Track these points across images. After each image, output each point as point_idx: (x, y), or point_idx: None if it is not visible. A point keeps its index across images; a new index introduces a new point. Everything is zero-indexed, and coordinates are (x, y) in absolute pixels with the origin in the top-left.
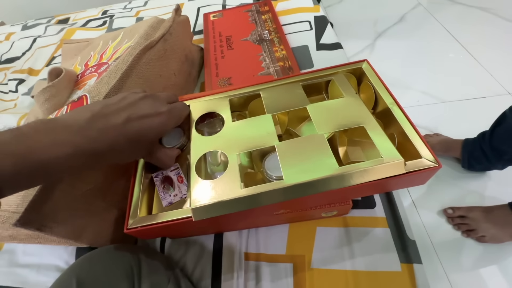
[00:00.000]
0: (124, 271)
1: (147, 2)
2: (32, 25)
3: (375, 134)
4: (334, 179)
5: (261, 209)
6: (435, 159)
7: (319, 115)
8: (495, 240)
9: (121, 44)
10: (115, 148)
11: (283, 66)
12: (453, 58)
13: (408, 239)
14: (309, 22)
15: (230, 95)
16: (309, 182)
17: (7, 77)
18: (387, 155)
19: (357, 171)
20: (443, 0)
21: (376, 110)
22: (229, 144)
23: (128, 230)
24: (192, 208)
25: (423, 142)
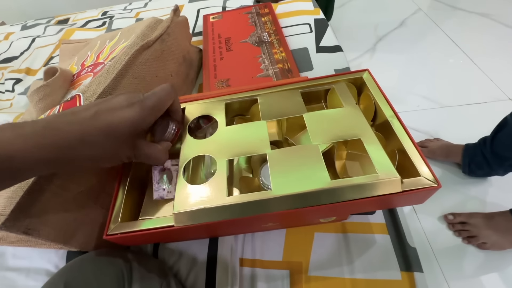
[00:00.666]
0: (114, 276)
1: (147, 4)
2: (32, 25)
3: (372, 148)
4: (325, 193)
5: (247, 220)
6: (434, 178)
7: (316, 125)
8: (497, 247)
9: (118, 44)
10: (85, 140)
11: (282, 68)
12: (454, 63)
13: (408, 246)
14: (309, 24)
15: (227, 99)
16: (298, 194)
17: (4, 76)
18: (383, 171)
19: (350, 186)
20: (444, 6)
21: (375, 122)
22: (220, 149)
23: (107, 236)
24: (174, 213)
25: (422, 159)
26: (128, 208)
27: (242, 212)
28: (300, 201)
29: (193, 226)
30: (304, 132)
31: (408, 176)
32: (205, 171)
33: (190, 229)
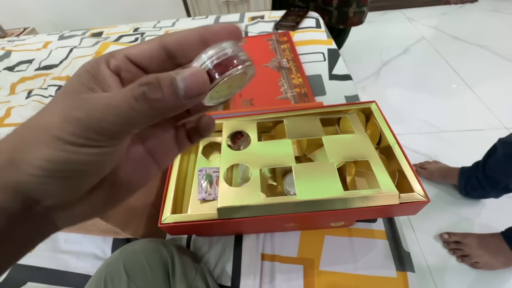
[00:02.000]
0: (161, 260)
1: (174, 23)
2: (68, 36)
3: (377, 168)
4: (339, 200)
5: (275, 218)
6: (425, 194)
7: (332, 146)
8: (488, 267)
9: None
10: None
11: (299, 92)
12: (454, 90)
13: (403, 250)
14: (323, 53)
15: (258, 119)
16: (317, 200)
17: (47, 82)
18: (385, 187)
19: (358, 197)
20: (446, 36)
21: (380, 145)
22: (253, 160)
23: (161, 224)
24: (218, 208)
25: (416, 179)
26: (175, 203)
27: (272, 211)
28: (319, 205)
29: (233, 220)
30: (320, 150)
31: (404, 191)
32: (240, 177)
33: (228, 223)
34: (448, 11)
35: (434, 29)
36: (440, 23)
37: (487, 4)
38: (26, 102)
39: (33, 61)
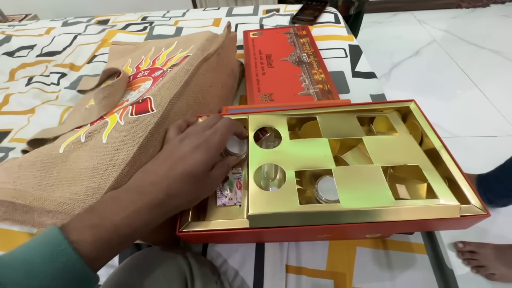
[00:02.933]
0: (178, 272)
1: (185, 13)
2: (72, 23)
3: (431, 175)
4: (389, 211)
5: (310, 229)
6: (483, 207)
7: (375, 148)
8: (505, 279)
9: (175, 53)
10: (171, 193)
11: (322, 89)
12: (465, 94)
13: (446, 267)
14: (344, 49)
15: (287, 114)
16: (365, 210)
17: (49, 69)
18: (443, 197)
19: (413, 208)
20: (457, 39)
21: (422, 142)
22: (286, 160)
23: (180, 233)
24: (249, 215)
25: (472, 189)
26: (195, 210)
27: (310, 220)
28: (365, 216)
29: (264, 229)
30: (353, 152)
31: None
32: (262, 178)
33: (255, 233)
34: (459, 15)
35: (445, 32)
36: (451, 27)
37: (498, 9)
38: (26, 89)
39: (35, 47)
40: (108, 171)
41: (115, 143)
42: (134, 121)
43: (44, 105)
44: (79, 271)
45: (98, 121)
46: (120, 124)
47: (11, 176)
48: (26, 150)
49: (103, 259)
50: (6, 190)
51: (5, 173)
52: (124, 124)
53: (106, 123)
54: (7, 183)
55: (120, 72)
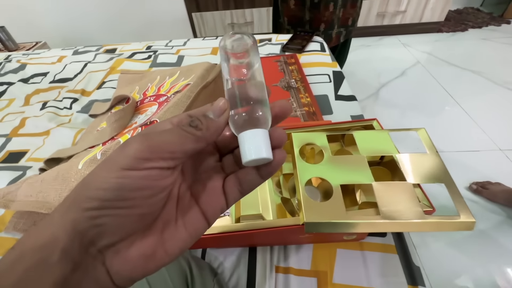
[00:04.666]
0: (181, 272)
1: (186, 43)
2: (83, 51)
3: (452, 191)
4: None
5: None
6: (430, 204)
7: (408, 166)
8: (492, 196)
9: (178, 81)
10: None
11: (308, 111)
12: (449, 112)
13: (414, 265)
14: (328, 75)
15: (327, 129)
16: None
17: (61, 95)
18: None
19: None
20: (440, 61)
21: (383, 159)
22: (332, 175)
23: None
24: (306, 222)
25: (421, 189)
26: None
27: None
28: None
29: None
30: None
31: None
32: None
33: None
34: (440, 39)
35: (428, 55)
36: (434, 49)
37: (476, 33)
38: (41, 113)
39: (48, 74)
40: None
41: None
42: None
43: (58, 127)
44: None
45: (110, 141)
46: None
47: (34, 190)
48: (43, 169)
49: None
50: (29, 202)
51: (29, 187)
52: None
53: (119, 142)
54: (30, 196)
55: (129, 98)
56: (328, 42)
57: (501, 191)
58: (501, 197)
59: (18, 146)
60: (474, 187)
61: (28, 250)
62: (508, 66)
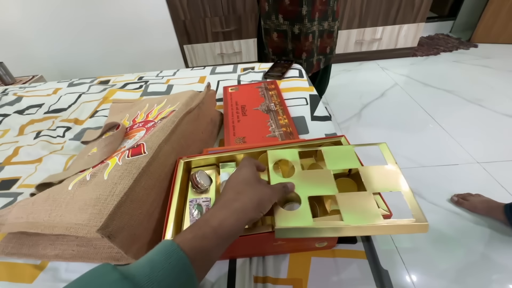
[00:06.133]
0: None
1: (175, 73)
2: (77, 83)
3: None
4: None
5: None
6: (387, 208)
7: (370, 177)
8: (472, 207)
9: (165, 108)
10: (250, 202)
11: (285, 131)
12: (427, 129)
13: (382, 268)
14: (305, 98)
15: (300, 145)
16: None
17: (55, 124)
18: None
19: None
20: (416, 83)
21: (351, 172)
22: (300, 186)
23: None
24: (276, 228)
25: (381, 198)
26: (176, 230)
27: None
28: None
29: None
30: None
31: None
32: None
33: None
34: (415, 62)
35: (405, 77)
36: (410, 72)
37: (448, 56)
38: (35, 142)
39: (43, 105)
40: (107, 200)
41: (114, 179)
42: (130, 161)
43: (51, 154)
44: (186, 266)
45: (99, 164)
46: (119, 164)
47: (25, 212)
48: (34, 193)
49: (204, 252)
50: (19, 224)
51: (20, 210)
52: (121, 164)
53: (107, 164)
54: (20, 218)
55: (119, 125)
56: (310, 68)
57: (480, 201)
58: (481, 207)
59: (10, 173)
60: (455, 199)
61: None
62: (478, 85)
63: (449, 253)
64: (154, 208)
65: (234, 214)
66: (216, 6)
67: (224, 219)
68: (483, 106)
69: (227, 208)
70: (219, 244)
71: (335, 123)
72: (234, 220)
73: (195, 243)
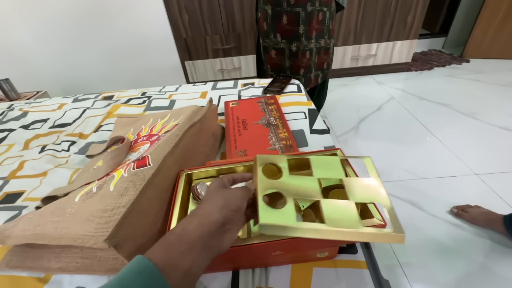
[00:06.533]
0: None
1: (178, 88)
2: (82, 99)
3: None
4: (360, 233)
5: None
6: (382, 218)
7: (352, 188)
8: (472, 219)
9: (169, 122)
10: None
11: (285, 144)
12: (424, 141)
13: (382, 278)
14: (304, 112)
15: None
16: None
17: (60, 138)
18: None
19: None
20: (411, 96)
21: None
22: (287, 190)
23: None
24: (261, 224)
25: (376, 208)
26: None
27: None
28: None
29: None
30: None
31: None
32: None
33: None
34: (410, 77)
35: (401, 91)
36: (405, 86)
37: (441, 71)
38: (40, 156)
39: (48, 120)
40: (114, 210)
41: (120, 190)
42: (135, 173)
43: (56, 168)
44: (155, 274)
45: (105, 177)
46: (124, 176)
47: (32, 224)
48: (39, 207)
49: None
50: (26, 236)
51: (27, 222)
52: (127, 175)
53: (113, 176)
54: (27, 230)
55: (124, 139)
56: (308, 83)
57: (480, 213)
58: (480, 219)
59: (15, 187)
60: (455, 210)
61: None
62: (472, 99)
63: (450, 265)
64: (157, 219)
65: (195, 219)
66: (217, 24)
67: (187, 224)
68: (478, 118)
69: (190, 216)
70: (187, 249)
71: (334, 136)
72: (196, 223)
73: (161, 252)
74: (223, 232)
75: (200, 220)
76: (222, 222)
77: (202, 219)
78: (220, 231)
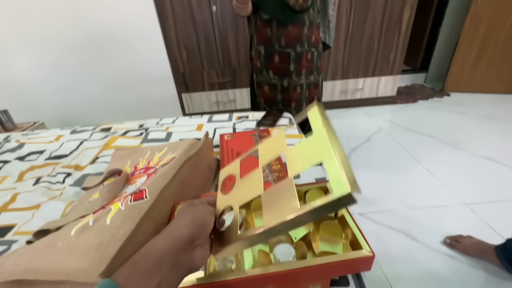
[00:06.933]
0: None
1: (174, 121)
2: (80, 131)
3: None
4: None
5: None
6: (370, 250)
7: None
8: (465, 250)
9: (166, 155)
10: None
11: (278, 176)
12: (412, 171)
13: None
14: None
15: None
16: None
17: (56, 170)
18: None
19: None
20: (399, 128)
21: (336, 215)
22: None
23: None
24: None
25: (364, 239)
26: None
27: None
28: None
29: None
30: None
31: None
32: None
33: None
34: (396, 109)
35: (389, 122)
36: (393, 118)
37: (425, 104)
38: (33, 188)
39: (44, 151)
40: (109, 244)
41: (116, 223)
42: (132, 206)
43: (49, 201)
44: None
45: (101, 210)
46: (121, 209)
47: (23, 259)
48: (31, 241)
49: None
50: (17, 272)
51: (19, 257)
52: (124, 209)
53: (110, 209)
54: (19, 266)
55: (121, 171)
56: None
57: (472, 244)
58: (473, 250)
59: (5, 220)
60: (448, 241)
61: None
62: (455, 130)
63: None
64: None
65: (161, 236)
66: (213, 60)
67: (152, 242)
68: (463, 149)
69: (157, 236)
70: (154, 267)
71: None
72: (162, 241)
73: (125, 271)
74: (193, 248)
75: (167, 237)
76: (189, 238)
77: (169, 236)
78: (189, 247)
